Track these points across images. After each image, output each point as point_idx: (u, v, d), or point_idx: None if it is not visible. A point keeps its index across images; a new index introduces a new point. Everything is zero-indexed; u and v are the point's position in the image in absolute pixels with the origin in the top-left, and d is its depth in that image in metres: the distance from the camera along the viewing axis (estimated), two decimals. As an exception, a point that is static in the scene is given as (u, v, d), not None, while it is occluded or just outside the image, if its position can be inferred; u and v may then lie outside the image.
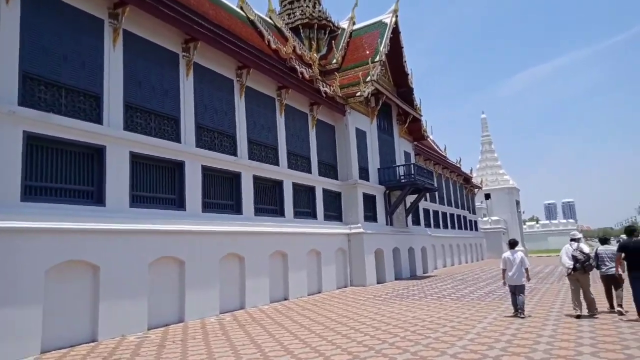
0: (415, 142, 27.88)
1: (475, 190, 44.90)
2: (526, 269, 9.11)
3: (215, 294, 11.40)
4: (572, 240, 9.06)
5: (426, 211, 29.36)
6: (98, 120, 9.51)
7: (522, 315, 8.92)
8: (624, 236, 8.83)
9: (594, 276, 10.76)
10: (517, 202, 51.03)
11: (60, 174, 8.72)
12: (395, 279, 20.85)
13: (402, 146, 25.51)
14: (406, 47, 24.17)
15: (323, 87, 18.53)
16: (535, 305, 10.70)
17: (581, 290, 8.80)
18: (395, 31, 23.55)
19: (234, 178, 13.31)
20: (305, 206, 16.82)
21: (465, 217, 39.19)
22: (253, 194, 13.83)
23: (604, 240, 9.45)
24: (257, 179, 14.17)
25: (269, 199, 14.89)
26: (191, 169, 11.62)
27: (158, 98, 11.12)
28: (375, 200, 20.81)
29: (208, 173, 12.33)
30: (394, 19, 23.47)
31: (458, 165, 39.05)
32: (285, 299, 14.32)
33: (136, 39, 10.71)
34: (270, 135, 15.28)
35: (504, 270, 9.29)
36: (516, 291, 9.06)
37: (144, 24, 10.84)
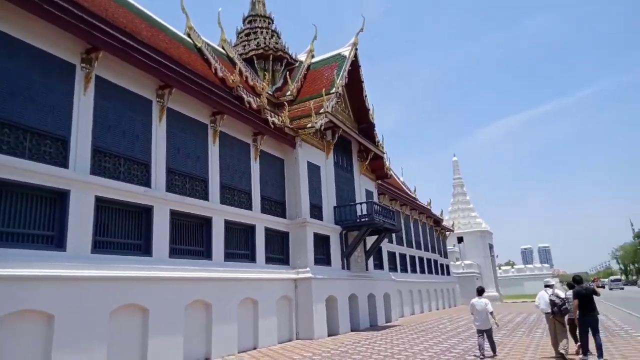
0: (379, 181, 26.37)
1: (447, 233, 43.30)
2: (491, 313, 10.00)
3: (100, 357, 9.06)
4: (546, 286, 9.88)
5: (391, 254, 27.42)
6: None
7: (494, 355, 9.89)
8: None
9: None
10: (491, 246, 49.49)
11: None
12: (352, 330, 18.58)
13: (364, 184, 23.90)
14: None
15: (271, 117, 16.97)
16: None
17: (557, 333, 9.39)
18: (355, 64, 22.52)
19: (144, 213, 11.23)
20: (241, 247, 14.71)
21: (436, 261, 37.31)
22: (169, 233, 11.72)
23: (572, 286, 9.94)
24: (176, 215, 12.12)
25: (192, 238, 12.77)
26: (80, 201, 9.53)
27: (41, 115, 9.18)
28: (329, 242, 18.83)
29: (105, 206, 10.23)
30: (353, 52, 22.49)
31: (428, 207, 37.61)
32: (207, 359, 11.97)
33: (18, 43, 8.90)
34: (198, 165, 13.36)
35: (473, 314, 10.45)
36: (485, 335, 10.10)
37: (21, 22, 9.04)
